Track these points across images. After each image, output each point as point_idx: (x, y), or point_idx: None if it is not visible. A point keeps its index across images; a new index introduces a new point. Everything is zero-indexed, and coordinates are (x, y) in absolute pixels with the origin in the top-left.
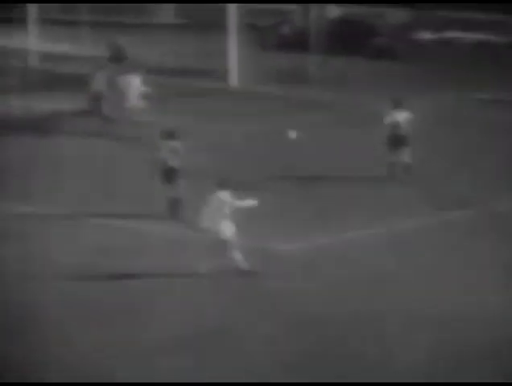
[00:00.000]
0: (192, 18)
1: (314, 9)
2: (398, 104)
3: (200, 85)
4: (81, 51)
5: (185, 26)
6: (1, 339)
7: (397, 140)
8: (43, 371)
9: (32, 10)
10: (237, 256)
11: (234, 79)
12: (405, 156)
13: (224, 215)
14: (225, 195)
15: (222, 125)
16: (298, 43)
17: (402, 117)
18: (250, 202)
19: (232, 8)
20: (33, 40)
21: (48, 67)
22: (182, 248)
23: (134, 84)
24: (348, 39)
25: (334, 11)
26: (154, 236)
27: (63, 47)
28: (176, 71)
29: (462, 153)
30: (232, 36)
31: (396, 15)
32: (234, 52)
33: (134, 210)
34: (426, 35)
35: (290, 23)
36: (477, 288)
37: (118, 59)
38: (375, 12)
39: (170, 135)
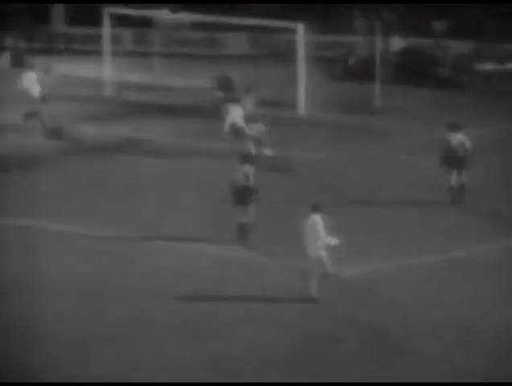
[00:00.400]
0: (265, 49)
1: (379, 41)
2: (454, 128)
3: (270, 114)
4: (156, 81)
5: (257, 57)
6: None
7: (453, 162)
8: None
9: (107, 42)
10: (317, 282)
11: (302, 108)
12: (461, 178)
13: (318, 238)
14: (318, 219)
15: (289, 153)
16: (363, 73)
17: (457, 139)
18: (335, 240)
19: (301, 40)
20: (108, 71)
21: (123, 96)
22: (251, 273)
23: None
24: (412, 70)
25: (398, 43)
26: (225, 260)
27: (137, 77)
28: None
29: None
30: (301, 67)
31: (459, 47)
32: (302, 82)
33: (205, 233)
34: (488, 66)
35: (356, 55)
36: None
37: (228, 89)
38: (439, 43)
39: (246, 159)
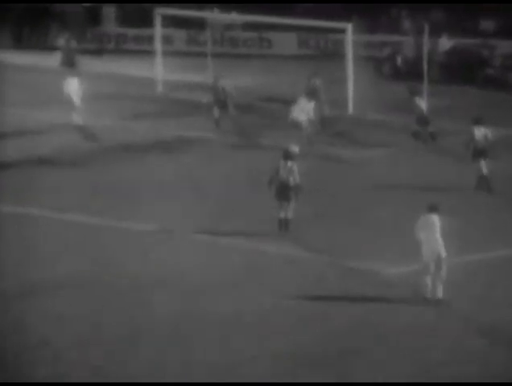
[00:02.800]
0: (314, 49)
1: (427, 41)
2: (477, 122)
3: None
4: (206, 80)
5: (307, 57)
6: None
7: (477, 153)
8: None
9: (158, 42)
10: (440, 283)
11: (351, 107)
12: (484, 168)
13: (435, 238)
14: (436, 219)
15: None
16: (411, 73)
17: (481, 132)
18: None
19: (349, 39)
20: (159, 70)
21: (174, 95)
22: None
23: None
24: (459, 70)
25: (446, 43)
26: (269, 255)
27: (188, 77)
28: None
29: None
30: (349, 66)
31: (506, 46)
32: (351, 82)
33: (247, 227)
34: None
35: (403, 54)
36: None
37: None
38: (486, 43)
39: (289, 156)
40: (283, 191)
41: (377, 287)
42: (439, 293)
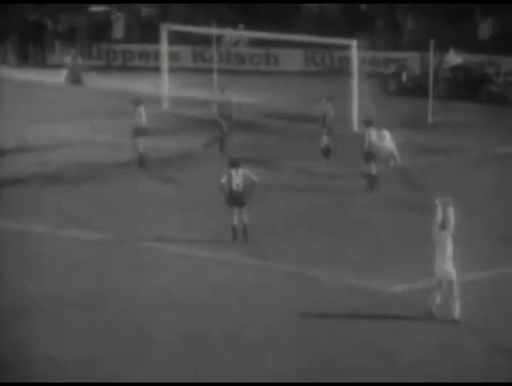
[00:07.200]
0: (320, 65)
1: (432, 57)
2: (368, 124)
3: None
4: (213, 97)
5: (313, 73)
6: None
7: (368, 155)
8: None
9: (165, 58)
10: (455, 302)
11: (356, 124)
12: (373, 169)
13: (448, 254)
14: (447, 235)
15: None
16: (416, 89)
17: (375, 135)
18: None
19: (354, 56)
20: (166, 86)
21: (181, 111)
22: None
23: None
24: (464, 86)
25: (454, 58)
26: (269, 272)
27: (195, 93)
28: (300, 116)
29: None
30: (354, 83)
31: (509, 63)
32: (355, 99)
33: (248, 245)
34: None
35: (408, 71)
36: None
37: None
38: (490, 60)
39: (236, 163)
40: (237, 198)
41: (382, 305)
42: (456, 314)
